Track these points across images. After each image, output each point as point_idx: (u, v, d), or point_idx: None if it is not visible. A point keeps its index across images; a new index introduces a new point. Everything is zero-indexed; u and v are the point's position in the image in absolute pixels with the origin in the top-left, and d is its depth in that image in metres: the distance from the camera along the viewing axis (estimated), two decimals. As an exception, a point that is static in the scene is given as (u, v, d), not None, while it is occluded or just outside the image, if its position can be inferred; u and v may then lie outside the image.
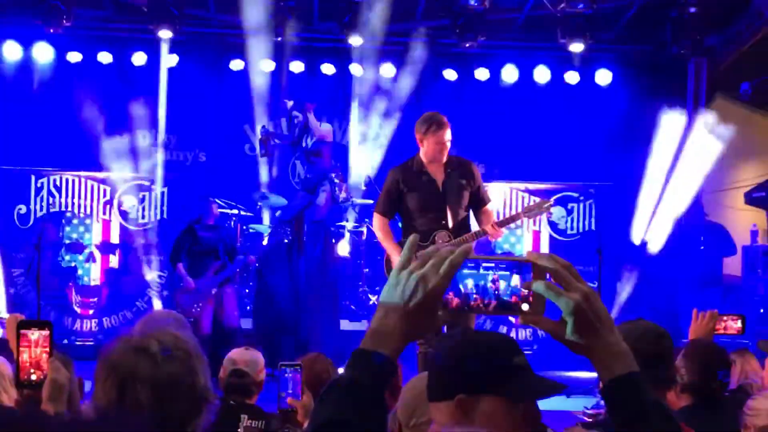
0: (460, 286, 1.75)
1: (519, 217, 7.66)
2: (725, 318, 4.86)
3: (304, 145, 10.87)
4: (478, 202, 7.33)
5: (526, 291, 1.75)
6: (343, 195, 10.82)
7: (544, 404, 2.45)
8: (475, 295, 1.76)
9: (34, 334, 2.87)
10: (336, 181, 10.78)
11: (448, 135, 7.11)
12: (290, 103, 11.16)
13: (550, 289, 1.72)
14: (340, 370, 1.82)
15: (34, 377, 2.87)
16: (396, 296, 1.71)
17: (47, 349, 2.88)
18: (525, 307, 1.75)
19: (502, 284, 1.75)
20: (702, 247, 11.82)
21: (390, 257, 7.39)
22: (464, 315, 5.39)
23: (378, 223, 7.38)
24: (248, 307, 11.29)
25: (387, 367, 1.71)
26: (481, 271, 1.76)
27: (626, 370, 1.74)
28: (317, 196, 10.73)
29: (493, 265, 1.76)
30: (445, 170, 7.20)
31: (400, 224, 7.46)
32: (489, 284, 1.76)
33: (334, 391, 1.72)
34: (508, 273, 1.76)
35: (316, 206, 10.72)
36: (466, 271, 1.74)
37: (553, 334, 1.77)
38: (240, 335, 9.54)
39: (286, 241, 10.44)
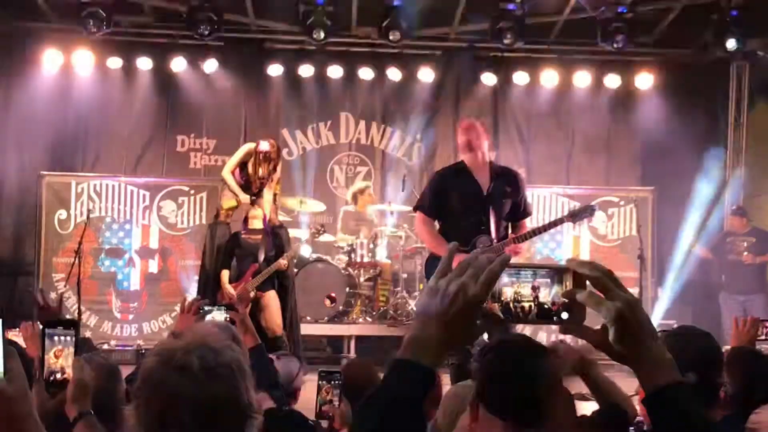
0: (500, 294, 1.72)
1: (559, 223, 7.56)
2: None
3: None
4: (518, 212, 7.29)
5: (567, 299, 1.71)
6: None
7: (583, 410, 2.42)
8: (514, 304, 1.72)
9: (60, 334, 2.86)
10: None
11: (470, 136, 7.19)
12: None
13: (591, 297, 1.68)
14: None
15: (59, 376, 2.86)
16: (435, 305, 1.67)
17: (72, 349, 2.87)
18: (565, 315, 1.71)
19: (542, 292, 1.72)
20: (745, 253, 11.65)
21: (432, 258, 7.37)
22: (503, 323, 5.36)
23: (424, 221, 7.33)
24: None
25: (428, 378, 1.66)
26: (521, 278, 1.72)
27: (669, 379, 1.69)
28: None
29: (533, 272, 1.73)
30: (491, 176, 7.18)
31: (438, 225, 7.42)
32: (529, 292, 1.72)
33: (373, 403, 1.67)
34: (548, 281, 1.72)
35: None
36: (505, 278, 1.71)
37: (593, 342, 1.73)
38: (280, 342, 9.38)
39: None
